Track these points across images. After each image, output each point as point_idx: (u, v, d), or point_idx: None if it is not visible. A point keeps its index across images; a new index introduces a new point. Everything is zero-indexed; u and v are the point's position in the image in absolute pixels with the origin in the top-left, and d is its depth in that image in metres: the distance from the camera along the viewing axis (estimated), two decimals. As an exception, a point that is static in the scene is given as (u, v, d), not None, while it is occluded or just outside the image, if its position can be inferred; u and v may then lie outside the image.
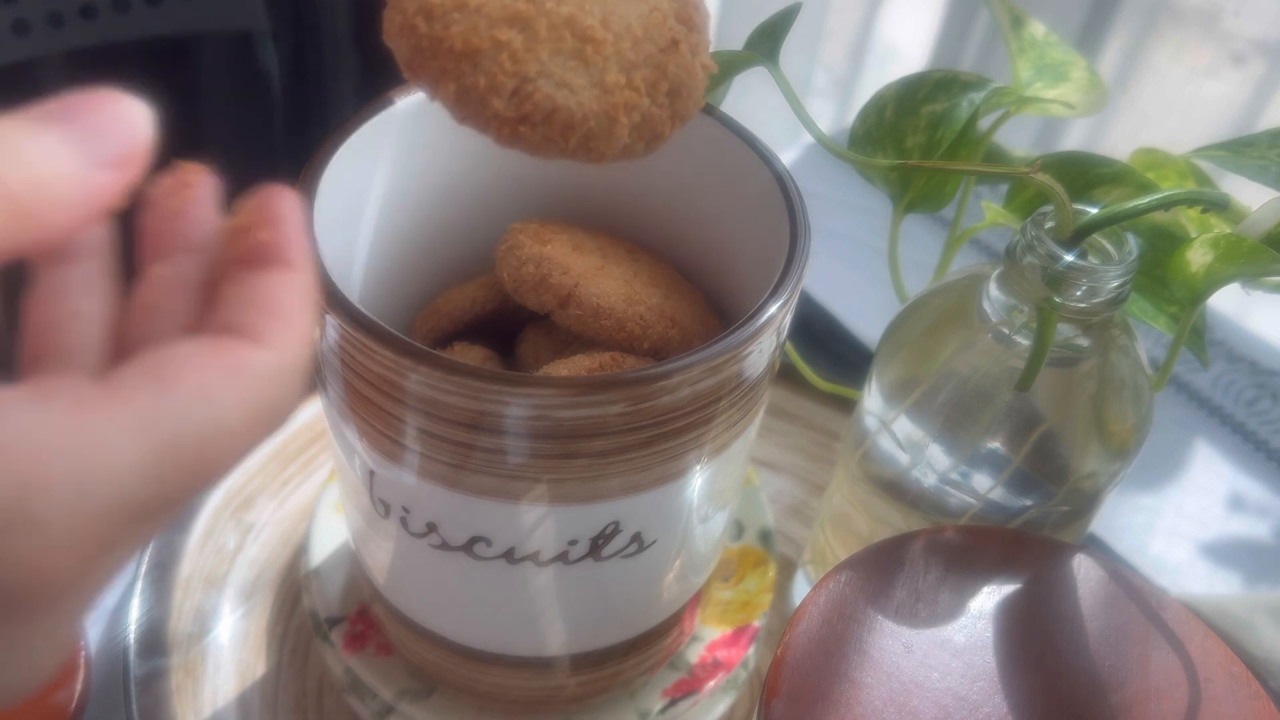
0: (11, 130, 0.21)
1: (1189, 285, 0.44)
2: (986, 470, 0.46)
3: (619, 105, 0.27)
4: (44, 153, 0.21)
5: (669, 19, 0.28)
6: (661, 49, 0.27)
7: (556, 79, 0.26)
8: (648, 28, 0.27)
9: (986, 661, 0.38)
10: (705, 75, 0.29)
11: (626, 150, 0.28)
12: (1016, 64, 0.52)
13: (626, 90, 0.27)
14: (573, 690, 0.50)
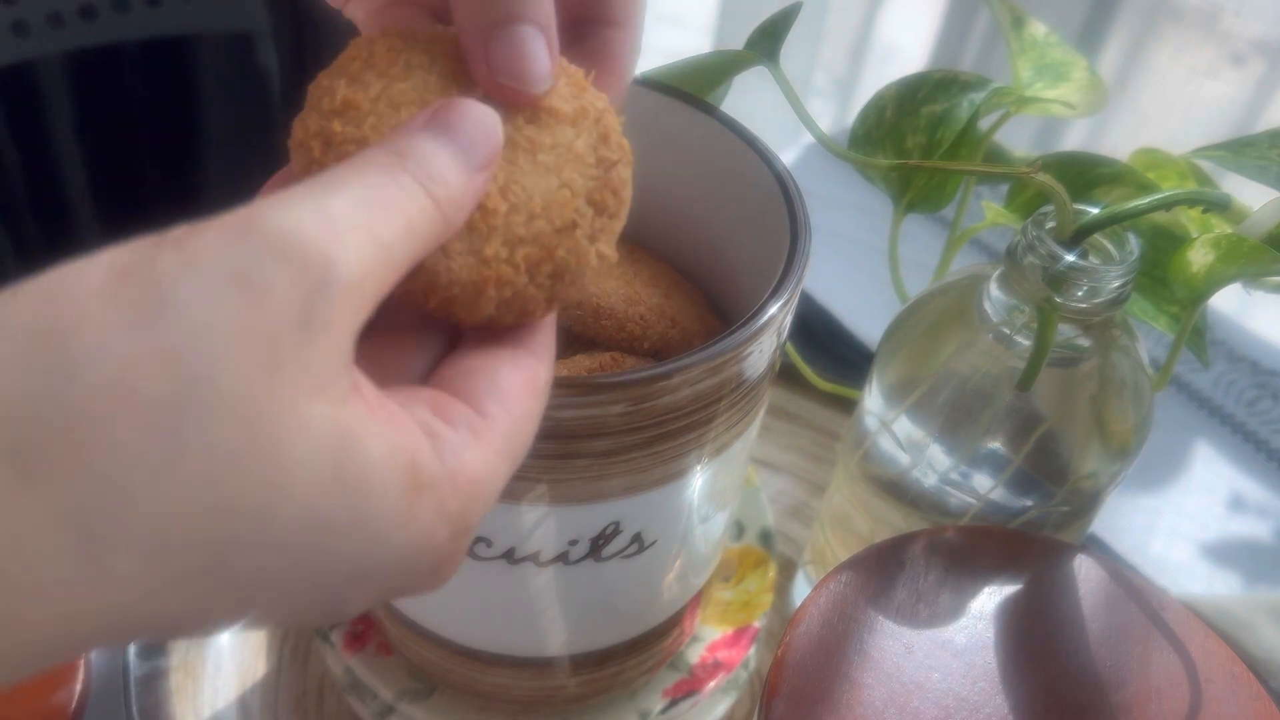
0: (424, 150, 0.24)
1: (1190, 285, 0.44)
2: (987, 470, 0.46)
3: (490, 279, 0.27)
4: (447, 168, 0.25)
5: (577, 199, 0.28)
6: (557, 229, 0.27)
7: None
8: (548, 205, 0.27)
9: (987, 662, 0.38)
10: (600, 262, 0.28)
11: (491, 320, 0.28)
12: (1017, 64, 0.52)
13: (504, 265, 0.27)
14: (573, 690, 0.49)
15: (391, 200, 0.23)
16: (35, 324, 0.19)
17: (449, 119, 0.25)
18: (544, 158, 0.28)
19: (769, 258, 0.41)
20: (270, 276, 0.20)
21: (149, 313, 0.19)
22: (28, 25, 0.62)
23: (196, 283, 0.19)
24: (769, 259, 0.40)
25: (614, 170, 0.29)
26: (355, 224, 0.22)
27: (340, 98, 0.27)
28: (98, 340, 0.19)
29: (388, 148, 0.24)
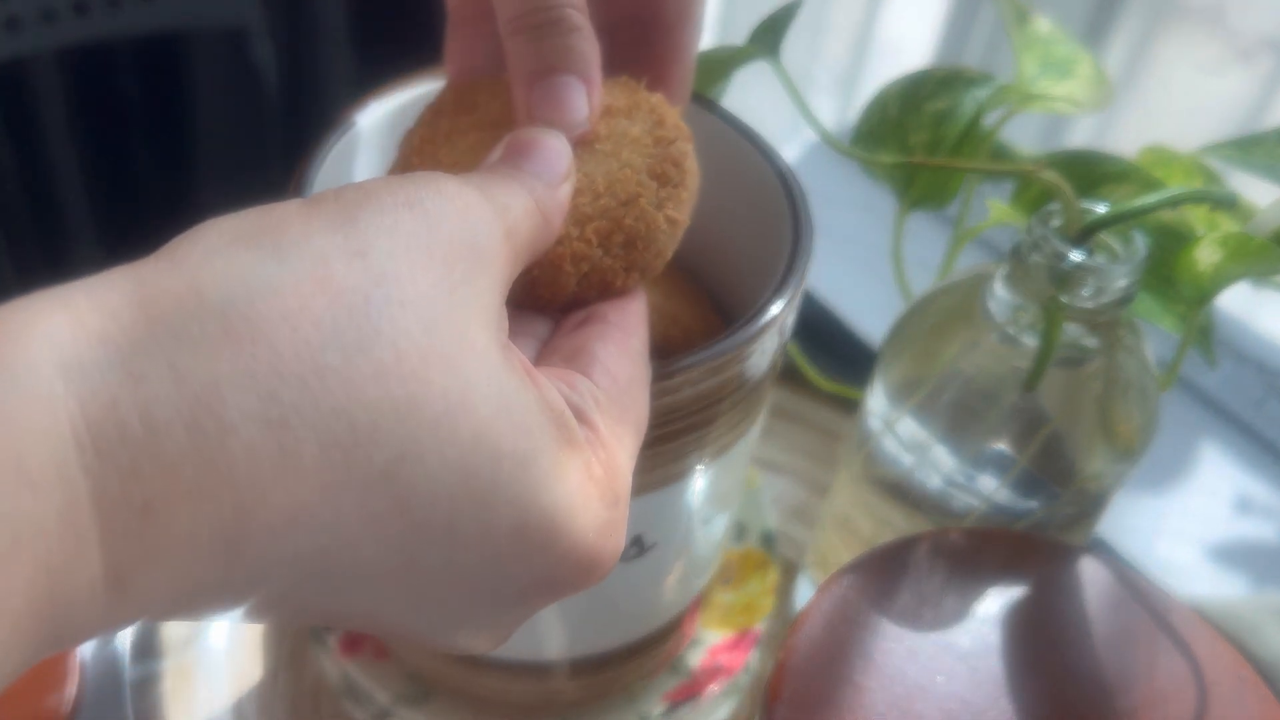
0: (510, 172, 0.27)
1: (1196, 284, 0.44)
2: (992, 471, 0.46)
3: (565, 255, 0.29)
4: (536, 180, 0.27)
5: (638, 174, 0.30)
6: (622, 202, 0.29)
7: None
8: (611, 183, 0.29)
9: (991, 665, 0.38)
10: (671, 226, 0.31)
11: (577, 298, 0.30)
12: (1021, 60, 0.51)
13: (576, 242, 0.29)
14: (572, 695, 0.49)
15: (514, 192, 0.25)
16: (243, 227, 0.21)
17: (520, 148, 0.28)
18: (602, 146, 0.31)
19: (771, 256, 0.40)
20: (441, 208, 0.22)
21: (338, 220, 0.21)
22: (20, 21, 0.62)
23: (377, 206, 0.21)
24: (771, 257, 0.40)
25: (672, 146, 0.32)
26: (508, 188, 0.25)
27: (418, 137, 0.33)
28: (300, 234, 0.20)
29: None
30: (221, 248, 0.20)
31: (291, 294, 0.19)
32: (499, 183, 0.26)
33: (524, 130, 0.29)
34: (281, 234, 0.20)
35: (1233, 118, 0.84)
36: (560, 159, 0.28)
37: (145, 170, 0.73)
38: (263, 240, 0.20)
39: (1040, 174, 0.42)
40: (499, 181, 0.26)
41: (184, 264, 0.20)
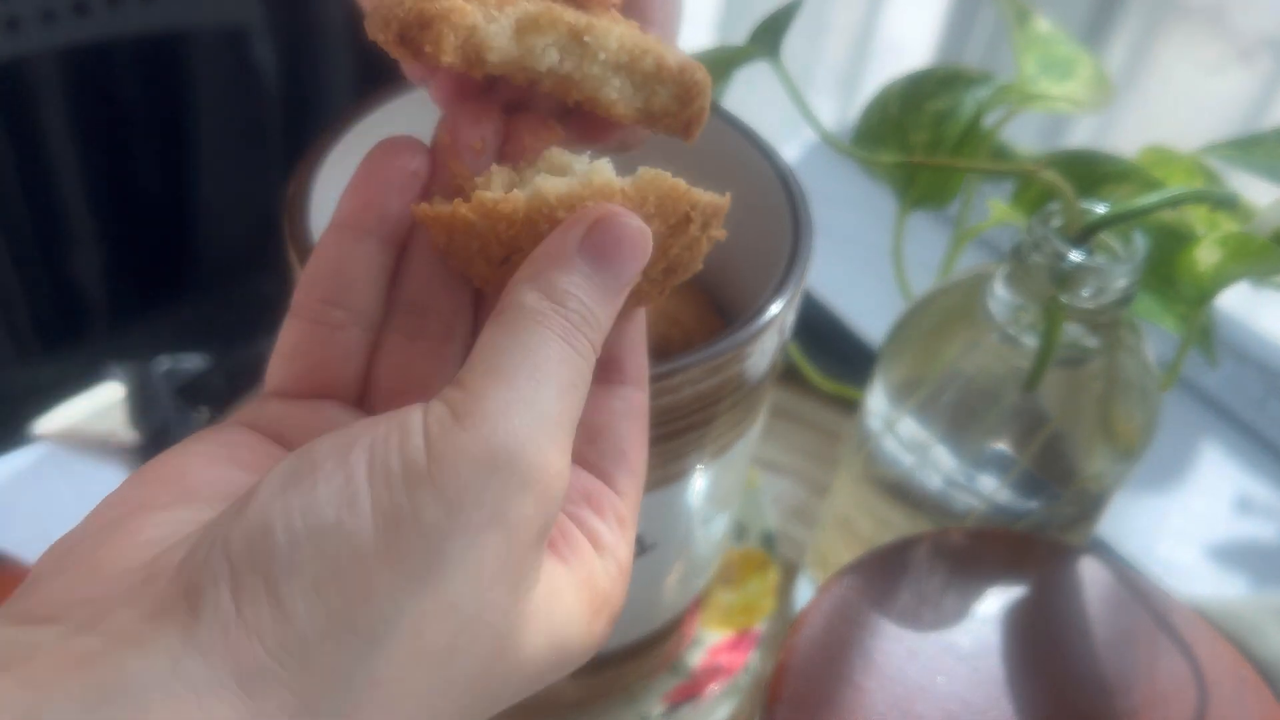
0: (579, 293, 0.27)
1: (1197, 284, 0.44)
2: (992, 472, 0.45)
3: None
4: (600, 307, 0.27)
5: (687, 193, 0.29)
6: (670, 227, 0.29)
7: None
8: (661, 202, 0.28)
9: (992, 666, 0.38)
10: (711, 245, 0.31)
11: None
12: (1022, 60, 0.51)
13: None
14: (571, 695, 0.49)
15: (574, 379, 0.25)
16: (327, 603, 0.22)
17: (603, 242, 0.27)
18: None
19: (771, 256, 0.40)
20: (520, 510, 0.23)
21: (428, 570, 0.22)
22: (20, 21, 0.62)
23: (464, 534, 0.23)
24: (771, 257, 0.40)
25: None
26: (565, 423, 0.25)
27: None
28: (391, 605, 0.22)
29: (548, 292, 0.26)
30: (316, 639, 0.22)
31: (385, 680, 0.22)
32: (565, 381, 0.25)
33: (611, 216, 0.27)
34: (372, 605, 0.22)
35: (1233, 118, 0.84)
36: (638, 258, 0.27)
37: (145, 170, 0.73)
38: (352, 621, 0.22)
39: (1040, 174, 0.42)
40: (564, 379, 0.25)
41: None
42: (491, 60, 0.28)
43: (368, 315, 0.29)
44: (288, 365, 0.29)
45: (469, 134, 0.30)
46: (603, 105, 0.30)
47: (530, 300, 0.26)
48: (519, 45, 0.28)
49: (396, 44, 0.27)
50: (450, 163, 0.30)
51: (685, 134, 0.31)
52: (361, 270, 0.29)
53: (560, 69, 0.29)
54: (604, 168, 0.28)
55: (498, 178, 0.29)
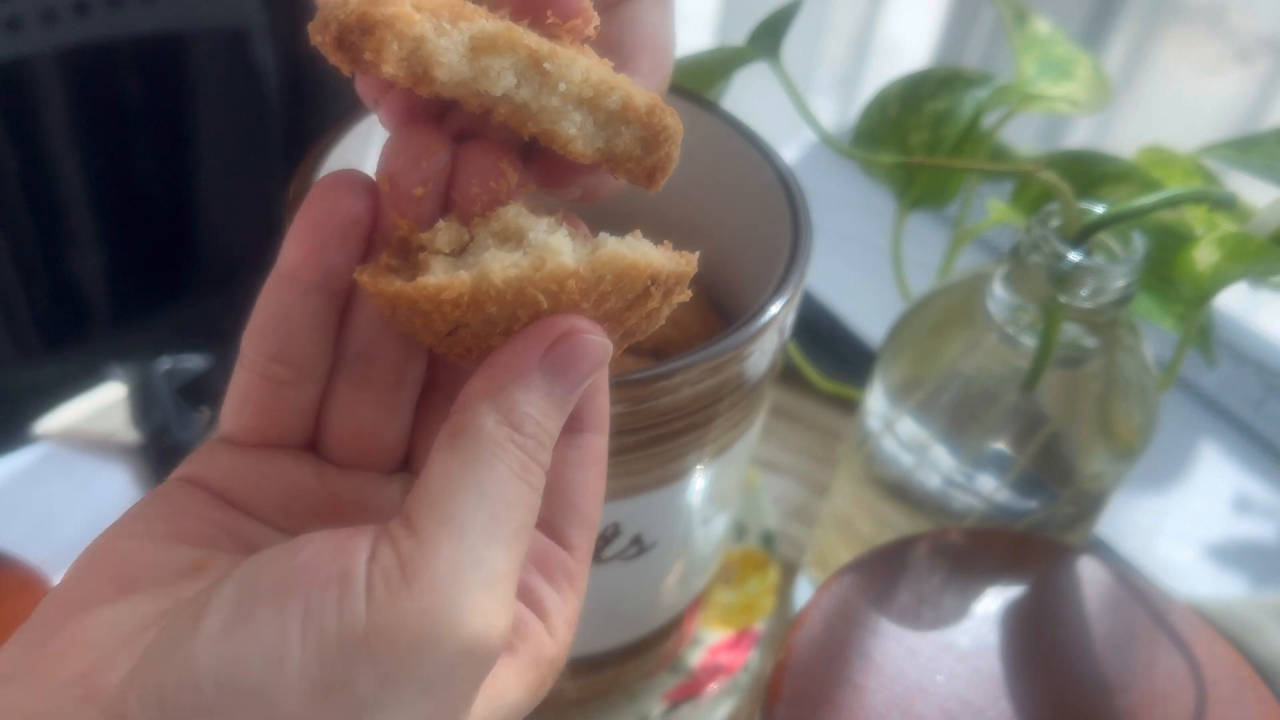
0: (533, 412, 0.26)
1: (1196, 284, 0.44)
2: (991, 471, 0.45)
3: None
4: (553, 421, 0.26)
5: (647, 270, 0.27)
6: (629, 301, 0.27)
7: (504, 327, 0.26)
8: (620, 278, 0.26)
9: (991, 665, 0.38)
10: (672, 306, 0.29)
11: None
12: (1021, 61, 0.51)
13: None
14: (572, 694, 0.49)
15: (526, 520, 0.25)
16: None
17: (564, 359, 0.26)
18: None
19: (770, 256, 0.40)
20: (458, 677, 0.23)
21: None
22: (21, 21, 0.62)
23: (396, 706, 0.22)
24: (770, 257, 0.40)
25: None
26: (513, 573, 0.24)
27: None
28: None
29: (508, 415, 0.25)
30: None
31: None
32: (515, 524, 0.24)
33: (573, 332, 0.26)
34: None
35: (1231, 118, 0.84)
36: (594, 370, 0.27)
37: (146, 170, 0.73)
38: None
39: (1039, 174, 0.42)
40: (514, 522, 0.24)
41: None
42: (440, 78, 0.26)
43: (314, 369, 0.28)
44: (238, 416, 0.28)
45: (408, 179, 0.27)
46: (560, 141, 0.27)
47: (489, 426, 0.25)
48: (472, 65, 0.26)
49: (334, 47, 0.25)
50: (390, 212, 0.27)
51: (648, 182, 0.29)
52: (305, 325, 0.27)
53: (516, 96, 0.27)
54: (558, 244, 0.26)
55: (444, 234, 0.27)
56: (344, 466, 0.29)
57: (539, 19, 0.27)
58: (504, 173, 0.28)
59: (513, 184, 0.28)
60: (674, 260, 0.27)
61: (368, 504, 0.29)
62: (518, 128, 0.27)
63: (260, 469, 0.28)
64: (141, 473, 0.61)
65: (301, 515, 0.28)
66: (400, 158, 0.27)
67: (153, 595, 0.24)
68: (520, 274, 0.25)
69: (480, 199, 0.28)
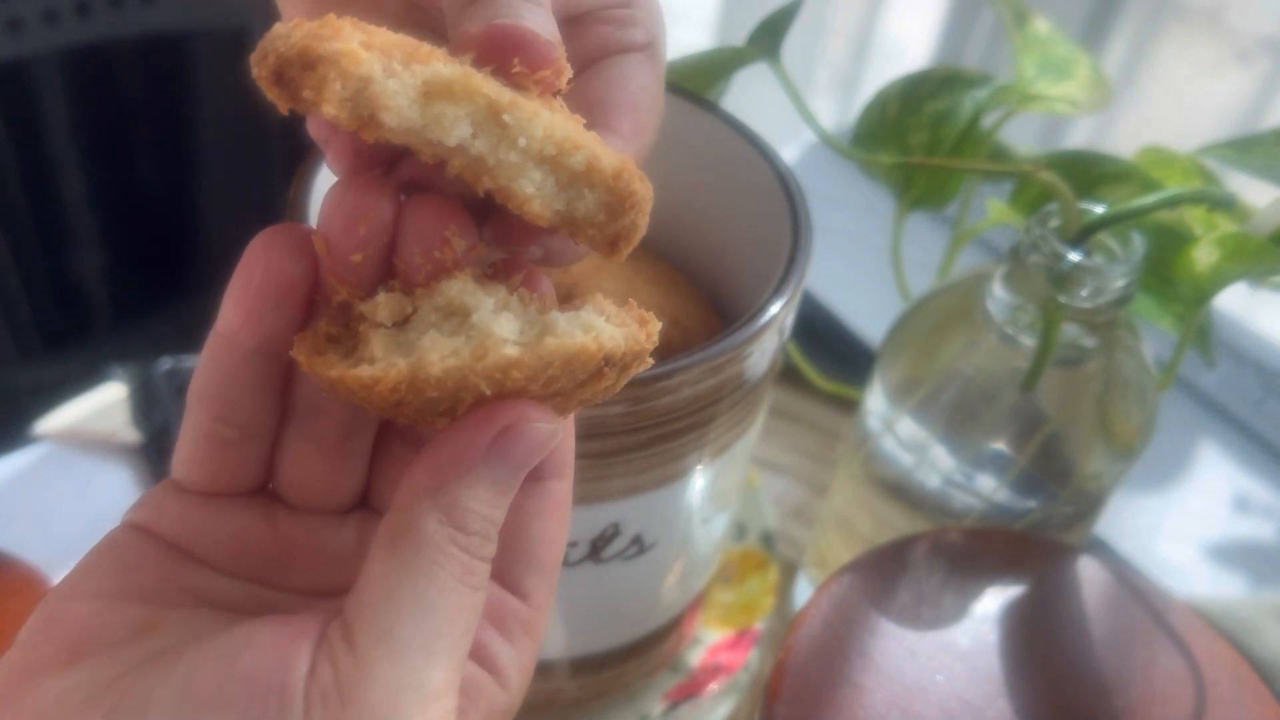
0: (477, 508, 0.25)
1: (1195, 284, 0.44)
2: (991, 471, 0.46)
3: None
4: (497, 511, 0.25)
5: (598, 355, 0.25)
6: (580, 381, 0.25)
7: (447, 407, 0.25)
8: (569, 361, 0.25)
9: (991, 665, 0.38)
10: (629, 376, 0.27)
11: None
12: (1020, 61, 0.51)
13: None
14: (572, 694, 0.49)
15: (468, 626, 0.24)
16: None
17: (511, 450, 0.25)
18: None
19: (770, 256, 0.40)
20: None
21: None
22: (23, 22, 0.62)
23: None
24: (770, 257, 0.40)
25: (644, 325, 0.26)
26: (453, 684, 0.24)
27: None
28: None
29: (450, 514, 0.24)
30: None
31: None
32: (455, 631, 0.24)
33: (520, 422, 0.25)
34: None
35: (1231, 118, 0.84)
36: (540, 454, 0.25)
37: (146, 171, 0.73)
38: None
39: (1039, 174, 0.42)
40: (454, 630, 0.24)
41: None
42: (387, 124, 0.23)
43: (261, 427, 0.27)
44: (187, 467, 0.27)
45: (345, 244, 0.25)
46: (516, 200, 0.25)
47: (430, 529, 0.24)
48: (424, 112, 0.24)
49: (272, 82, 0.23)
50: (327, 276, 0.25)
51: (609, 250, 0.26)
52: (249, 387, 0.26)
53: (471, 148, 0.24)
54: (502, 329, 0.24)
55: (385, 308, 0.25)
56: (299, 509, 0.28)
57: (504, 67, 0.25)
58: (449, 241, 0.25)
59: (459, 252, 0.25)
60: (631, 338, 0.25)
61: (323, 547, 0.28)
62: (472, 181, 0.25)
63: (211, 518, 0.27)
64: (141, 473, 0.61)
65: (255, 562, 0.28)
66: (336, 220, 0.25)
67: (102, 661, 0.24)
68: (460, 364, 0.24)
69: (424, 269, 0.25)
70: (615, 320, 0.26)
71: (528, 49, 0.25)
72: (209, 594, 0.27)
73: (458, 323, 0.25)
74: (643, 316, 0.26)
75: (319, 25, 0.23)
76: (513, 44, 0.25)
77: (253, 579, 0.28)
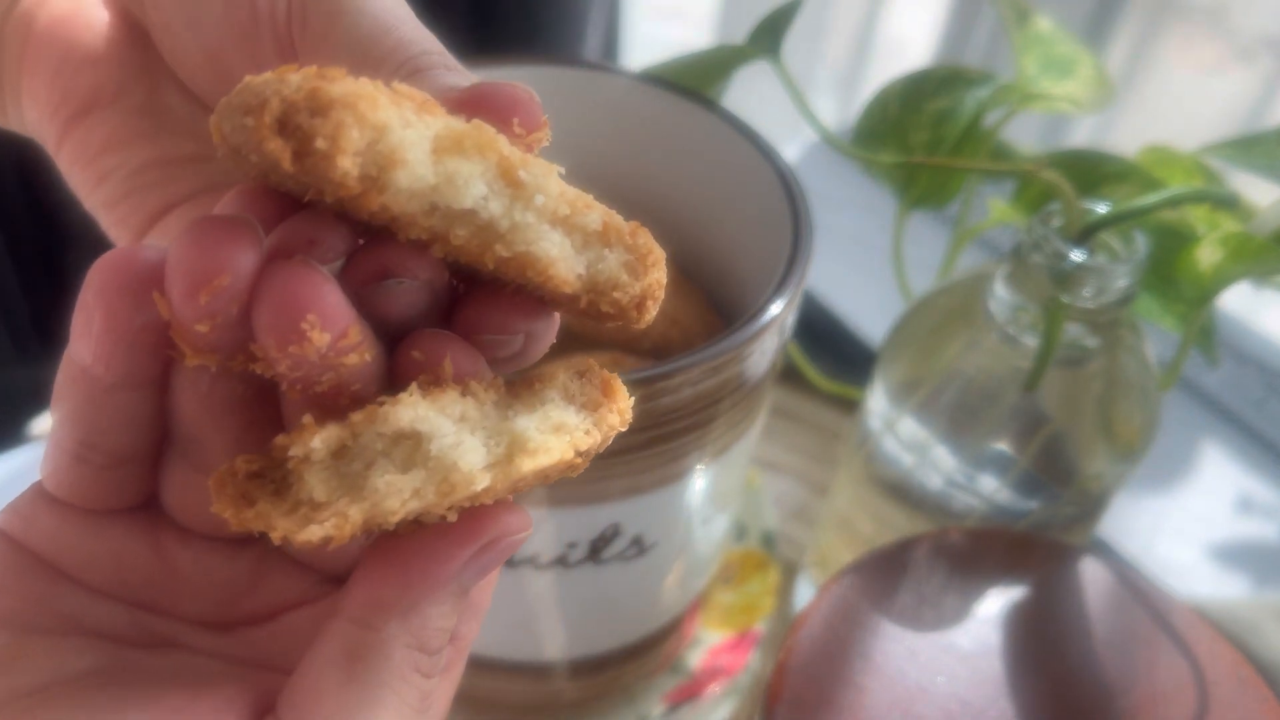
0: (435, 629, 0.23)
1: (1197, 284, 0.44)
2: (992, 472, 0.45)
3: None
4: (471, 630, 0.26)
5: (569, 465, 0.23)
6: (548, 476, 0.23)
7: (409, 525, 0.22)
8: (545, 473, 0.22)
9: (992, 666, 0.38)
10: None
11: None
12: (1022, 59, 0.51)
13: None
14: (571, 695, 0.49)
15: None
16: None
17: (490, 560, 0.22)
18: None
19: (771, 256, 0.40)
20: None
21: None
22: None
23: None
24: (771, 257, 0.40)
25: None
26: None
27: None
28: None
29: (418, 635, 0.22)
30: None
31: None
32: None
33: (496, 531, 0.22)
34: None
35: (1233, 117, 0.84)
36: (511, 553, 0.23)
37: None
38: None
39: (1041, 173, 0.42)
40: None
41: None
42: (399, 184, 0.19)
43: (134, 453, 0.24)
44: (57, 480, 0.24)
45: (187, 310, 0.20)
46: (538, 266, 0.22)
47: (397, 657, 0.22)
48: (435, 171, 0.20)
49: (274, 131, 0.19)
50: (177, 340, 0.21)
51: (639, 314, 0.24)
52: (113, 420, 0.23)
53: (484, 210, 0.21)
54: (466, 459, 0.21)
55: (319, 448, 0.21)
56: (189, 529, 0.25)
57: (502, 129, 0.22)
58: (306, 336, 0.20)
59: (321, 348, 0.20)
60: (605, 426, 0.23)
61: (213, 575, 0.25)
62: (476, 256, 0.21)
63: (89, 534, 0.24)
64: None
65: (138, 586, 0.24)
66: (177, 281, 0.20)
67: None
68: (423, 505, 0.21)
69: (343, 397, 0.21)
70: (581, 399, 0.23)
71: (523, 108, 0.22)
72: (86, 620, 0.24)
73: (409, 447, 0.21)
74: (608, 386, 0.24)
75: (317, 70, 0.19)
76: (507, 103, 0.22)
77: (136, 604, 0.25)
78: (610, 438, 0.23)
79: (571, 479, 0.26)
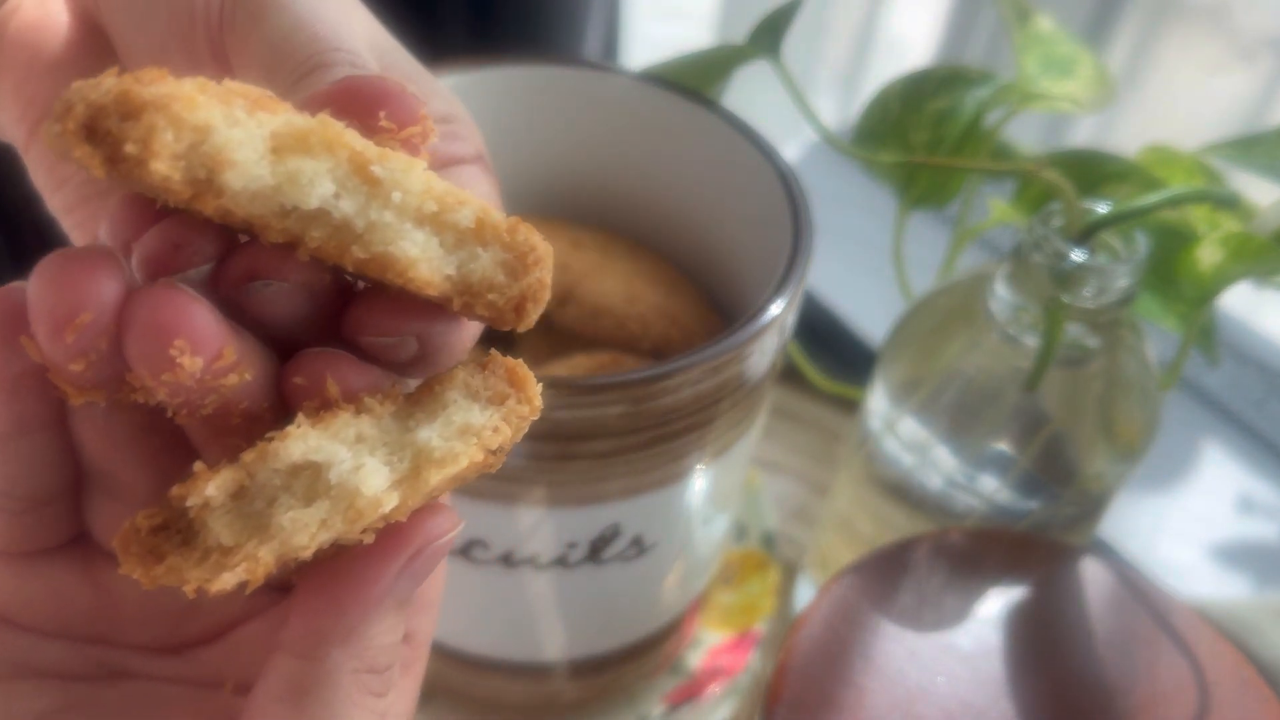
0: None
1: (1198, 284, 0.44)
2: (993, 472, 0.45)
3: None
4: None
5: (476, 470, 0.22)
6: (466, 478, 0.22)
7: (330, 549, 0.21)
8: (457, 478, 0.22)
9: (993, 666, 0.38)
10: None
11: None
12: (1023, 59, 0.51)
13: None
14: (571, 696, 0.49)
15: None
16: None
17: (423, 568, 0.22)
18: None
19: (771, 255, 0.40)
20: None
21: None
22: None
23: None
24: (771, 257, 0.40)
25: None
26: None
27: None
28: None
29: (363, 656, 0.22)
30: None
31: None
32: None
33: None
34: None
35: (1234, 117, 0.84)
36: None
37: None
38: None
39: (1041, 173, 0.42)
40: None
41: None
42: (232, 185, 0.19)
43: (50, 494, 0.23)
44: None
45: (56, 351, 0.19)
46: (396, 268, 0.20)
47: (345, 685, 0.21)
48: (275, 169, 0.19)
49: (81, 137, 0.18)
50: (55, 381, 0.20)
51: (517, 317, 0.22)
52: (17, 466, 0.22)
53: (335, 210, 0.20)
54: (369, 483, 0.20)
55: (217, 491, 0.20)
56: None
57: (369, 124, 0.21)
58: (176, 363, 0.19)
59: (194, 373, 0.19)
60: (514, 416, 0.22)
61: (154, 602, 0.25)
62: (336, 258, 0.20)
63: (23, 579, 0.24)
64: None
65: (81, 621, 0.24)
66: (40, 321, 0.19)
67: None
68: (333, 533, 0.20)
69: (233, 416, 0.21)
70: (487, 393, 0.22)
71: (393, 101, 0.21)
72: (34, 662, 0.23)
73: (309, 477, 0.20)
74: (513, 375, 0.22)
75: (137, 72, 0.18)
76: (376, 96, 0.21)
77: (82, 638, 0.24)
78: (523, 429, 0.22)
79: (571, 479, 0.27)
